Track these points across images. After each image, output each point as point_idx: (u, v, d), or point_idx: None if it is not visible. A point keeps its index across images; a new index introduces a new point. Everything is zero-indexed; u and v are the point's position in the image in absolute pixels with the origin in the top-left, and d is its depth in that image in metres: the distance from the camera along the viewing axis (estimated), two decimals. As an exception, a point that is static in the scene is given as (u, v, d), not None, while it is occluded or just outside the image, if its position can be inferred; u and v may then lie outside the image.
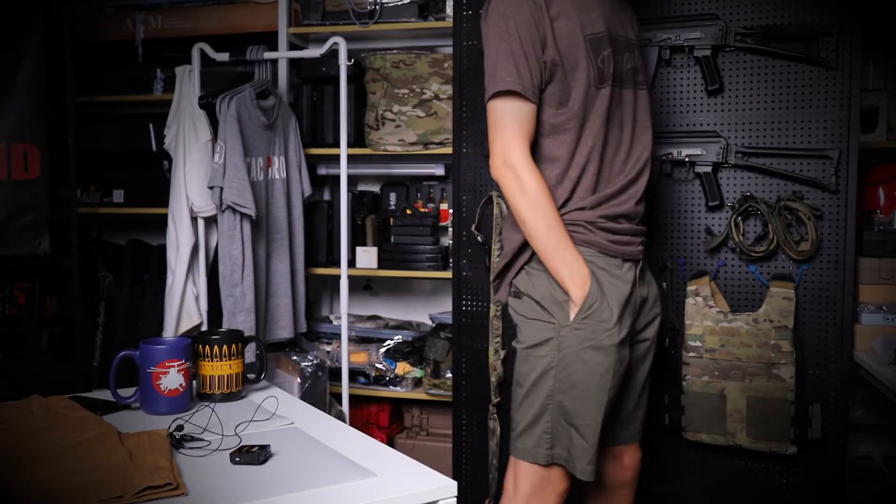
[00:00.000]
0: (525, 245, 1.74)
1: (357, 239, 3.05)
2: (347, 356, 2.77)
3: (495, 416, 2.43)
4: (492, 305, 2.41)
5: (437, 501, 1.15)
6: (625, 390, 1.82)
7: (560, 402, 1.69)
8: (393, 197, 3.15)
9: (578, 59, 1.69)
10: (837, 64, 2.13)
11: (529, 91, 1.66)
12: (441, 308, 3.15)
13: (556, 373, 1.68)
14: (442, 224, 3.07)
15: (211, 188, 2.57)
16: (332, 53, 2.69)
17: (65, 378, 3.11)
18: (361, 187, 3.34)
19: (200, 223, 2.77)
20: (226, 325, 2.57)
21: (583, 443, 1.68)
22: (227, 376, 1.58)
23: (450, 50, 2.59)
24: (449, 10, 2.89)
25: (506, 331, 2.41)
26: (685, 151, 2.24)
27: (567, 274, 1.66)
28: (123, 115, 3.46)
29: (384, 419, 3.08)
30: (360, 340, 3.05)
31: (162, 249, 3.02)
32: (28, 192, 2.91)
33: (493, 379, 2.40)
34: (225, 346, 1.58)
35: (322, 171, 3.19)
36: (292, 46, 3.10)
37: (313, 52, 2.78)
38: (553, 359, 1.69)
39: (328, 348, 3.04)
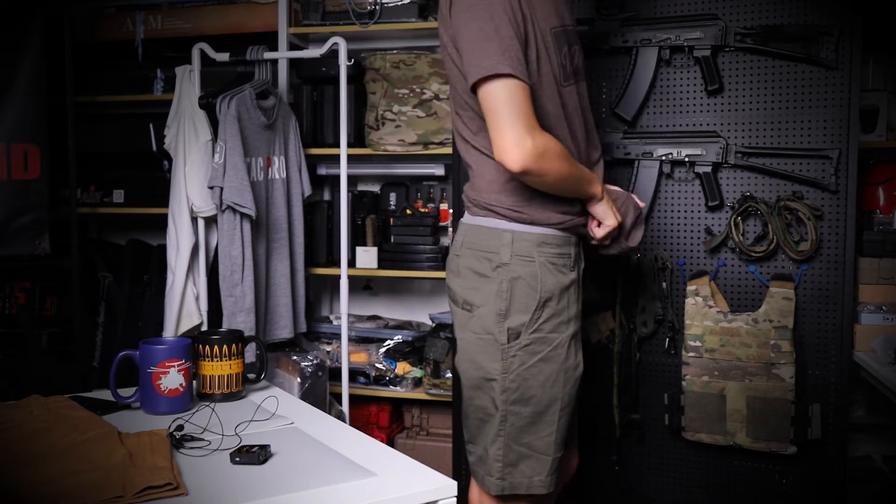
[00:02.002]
0: None
1: (357, 239, 3.05)
2: (347, 356, 2.77)
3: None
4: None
5: (437, 501, 1.15)
6: None
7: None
8: (393, 197, 3.15)
9: (544, 55, 1.63)
10: (837, 64, 2.13)
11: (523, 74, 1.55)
12: (441, 308, 3.15)
13: None
14: (442, 224, 3.07)
15: (211, 188, 2.57)
16: (332, 53, 2.69)
17: (65, 378, 3.11)
18: (361, 187, 3.34)
19: (200, 223, 2.77)
20: (226, 325, 2.57)
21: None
22: (227, 376, 1.58)
23: (450, 50, 2.59)
24: (449, 10, 2.89)
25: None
26: (685, 151, 2.24)
27: (592, 181, 1.68)
28: (123, 115, 3.46)
29: (384, 419, 3.08)
30: (360, 340, 3.05)
31: (162, 249, 3.02)
32: (28, 192, 2.91)
33: (493, 379, 2.40)
34: (225, 346, 1.58)
35: (322, 171, 3.19)
36: (292, 46, 3.10)
37: (313, 52, 2.78)
38: None
39: (328, 348, 3.04)
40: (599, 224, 1.72)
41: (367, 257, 3.01)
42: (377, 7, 2.95)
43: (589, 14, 2.32)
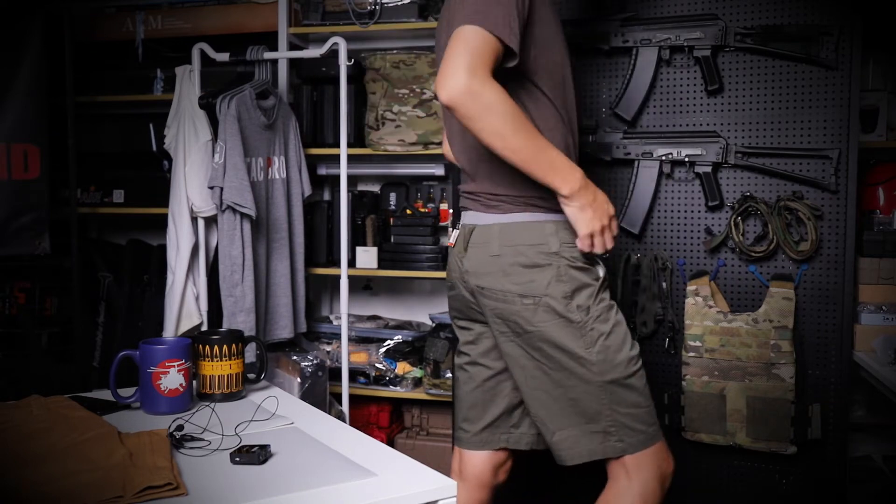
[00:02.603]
0: None
1: (357, 239, 3.05)
2: (347, 356, 2.77)
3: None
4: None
5: (437, 501, 1.15)
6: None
7: None
8: (393, 197, 3.15)
9: (557, 31, 1.69)
10: (837, 64, 2.13)
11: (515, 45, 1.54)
12: (441, 308, 3.15)
13: None
14: (442, 224, 3.07)
15: (211, 188, 2.57)
16: (332, 53, 2.69)
17: (65, 378, 3.11)
18: (361, 187, 3.34)
19: (200, 223, 2.77)
20: (226, 325, 2.57)
21: None
22: (227, 376, 1.58)
23: (450, 50, 2.59)
24: (449, 10, 2.89)
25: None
26: (685, 151, 2.24)
27: (563, 173, 1.59)
28: (123, 115, 3.46)
29: (384, 419, 3.08)
30: (360, 340, 3.05)
31: (162, 249, 3.02)
32: (28, 192, 2.91)
33: (493, 379, 2.40)
34: (225, 346, 1.58)
35: (322, 171, 3.19)
36: (292, 46, 3.10)
37: (313, 52, 2.78)
38: None
39: (328, 348, 3.04)
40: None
41: (367, 257, 3.01)
42: (377, 7, 2.95)
43: (588, 14, 2.33)
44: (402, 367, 2.98)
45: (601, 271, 1.70)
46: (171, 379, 1.49)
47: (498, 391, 1.84)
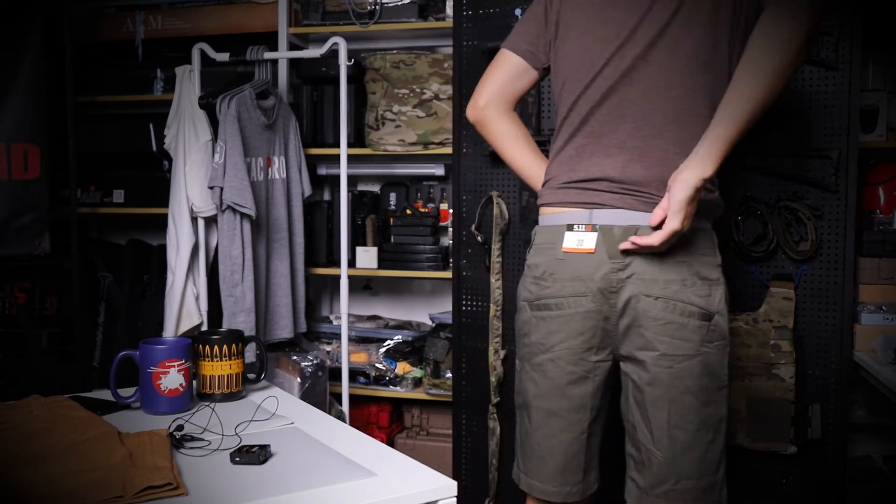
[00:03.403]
0: None
1: (357, 239, 3.05)
2: (347, 356, 2.77)
3: (495, 415, 2.44)
4: (491, 305, 2.41)
5: (437, 501, 1.15)
6: None
7: None
8: (393, 197, 3.15)
9: None
10: (837, 64, 2.12)
11: None
12: (441, 308, 3.15)
13: None
14: (442, 224, 3.07)
15: (211, 188, 2.57)
16: (332, 53, 2.69)
17: (65, 378, 3.11)
18: (361, 187, 3.34)
19: (200, 223, 2.77)
20: (226, 325, 2.57)
21: None
22: (227, 376, 1.58)
23: (450, 50, 2.59)
24: (449, 10, 2.89)
25: (506, 331, 2.41)
26: (685, 151, 2.23)
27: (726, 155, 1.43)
28: (123, 114, 3.47)
29: (384, 419, 3.08)
30: (360, 340, 3.05)
31: (162, 249, 3.02)
32: (28, 192, 2.91)
33: (492, 379, 2.41)
34: (225, 346, 1.58)
35: (322, 171, 3.19)
36: (292, 46, 3.10)
37: (313, 52, 2.78)
38: None
39: (328, 348, 3.04)
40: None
41: (367, 257, 3.02)
42: (377, 7, 2.95)
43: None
44: (402, 367, 2.98)
45: None
46: (171, 379, 1.49)
47: (594, 433, 1.66)
